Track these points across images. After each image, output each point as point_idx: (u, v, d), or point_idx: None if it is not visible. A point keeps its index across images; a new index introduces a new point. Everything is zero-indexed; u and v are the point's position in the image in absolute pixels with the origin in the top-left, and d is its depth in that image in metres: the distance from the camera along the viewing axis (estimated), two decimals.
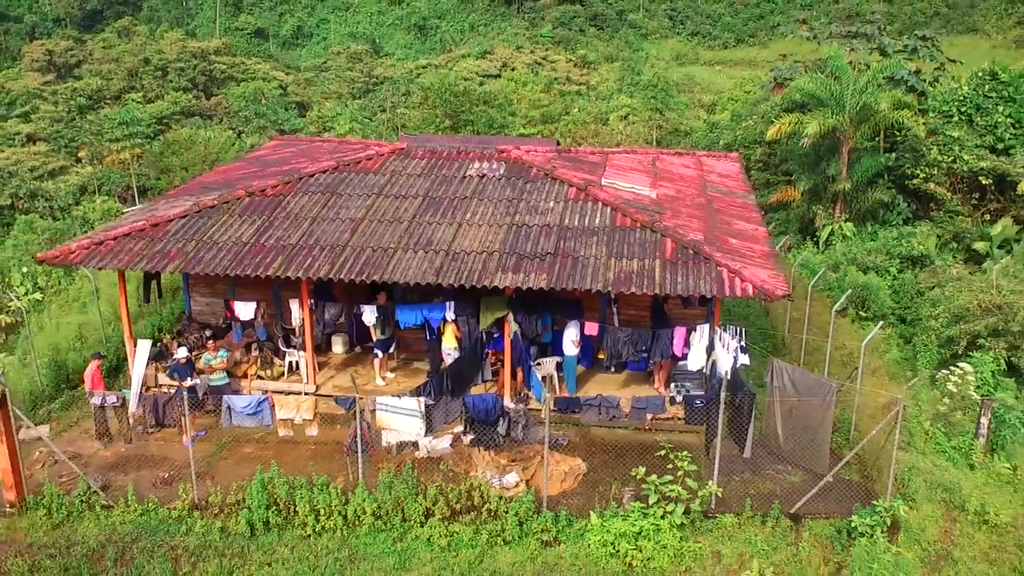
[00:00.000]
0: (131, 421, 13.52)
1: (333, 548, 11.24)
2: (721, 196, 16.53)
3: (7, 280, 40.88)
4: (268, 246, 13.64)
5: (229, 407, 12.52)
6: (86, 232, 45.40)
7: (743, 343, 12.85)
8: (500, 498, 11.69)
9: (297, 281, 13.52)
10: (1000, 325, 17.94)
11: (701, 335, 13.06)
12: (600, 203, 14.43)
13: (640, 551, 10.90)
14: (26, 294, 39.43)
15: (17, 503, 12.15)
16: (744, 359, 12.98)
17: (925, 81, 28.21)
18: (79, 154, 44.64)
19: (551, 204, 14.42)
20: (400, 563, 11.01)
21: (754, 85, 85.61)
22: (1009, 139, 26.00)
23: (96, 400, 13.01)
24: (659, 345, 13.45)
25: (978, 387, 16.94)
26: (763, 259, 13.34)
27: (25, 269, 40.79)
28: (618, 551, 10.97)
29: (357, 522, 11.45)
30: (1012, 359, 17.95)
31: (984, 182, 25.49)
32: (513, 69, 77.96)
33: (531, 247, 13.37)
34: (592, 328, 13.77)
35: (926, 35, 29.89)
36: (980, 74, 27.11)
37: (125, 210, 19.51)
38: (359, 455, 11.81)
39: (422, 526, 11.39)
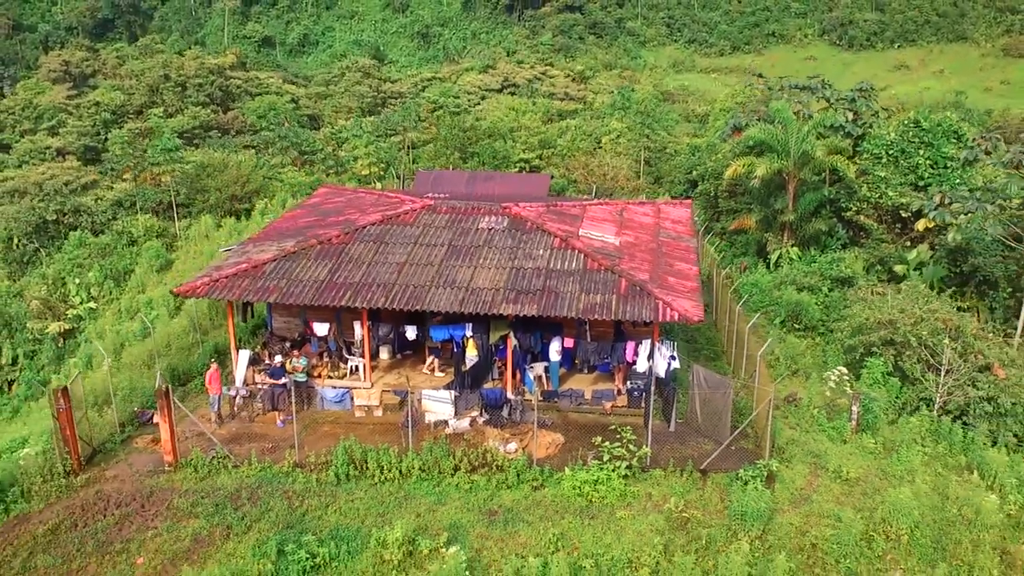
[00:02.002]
0: (242, 407, 19.46)
1: (393, 491, 17.19)
2: (670, 240, 22.46)
3: (64, 290, 47.03)
4: (339, 283, 19.55)
5: (322, 397, 18.50)
6: (131, 246, 51.03)
7: (674, 353, 18.79)
8: (504, 459, 17.62)
9: (358, 308, 19.42)
10: (889, 336, 23.88)
11: (645, 347, 18.98)
12: (576, 251, 20.35)
13: (597, 492, 16.82)
14: (81, 303, 45.62)
15: (173, 463, 18.09)
16: (675, 364, 18.95)
17: (861, 127, 34.01)
18: (124, 175, 50.42)
19: (541, 252, 20.35)
20: (438, 500, 16.94)
21: (745, 97, 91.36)
22: (928, 178, 31.87)
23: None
24: (616, 354, 19.40)
25: (871, 384, 22.93)
26: (690, 292, 19.23)
27: (78, 280, 46.93)
28: (582, 492, 16.88)
29: (409, 474, 17.41)
30: (898, 362, 23.88)
31: (904, 215, 31.36)
32: (516, 84, 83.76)
33: (526, 284, 19.28)
34: (569, 342, 19.73)
35: (863, 87, 35.63)
36: (905, 122, 32.91)
37: (222, 249, 25.30)
38: (409, 429, 17.76)
39: (452, 476, 17.35)
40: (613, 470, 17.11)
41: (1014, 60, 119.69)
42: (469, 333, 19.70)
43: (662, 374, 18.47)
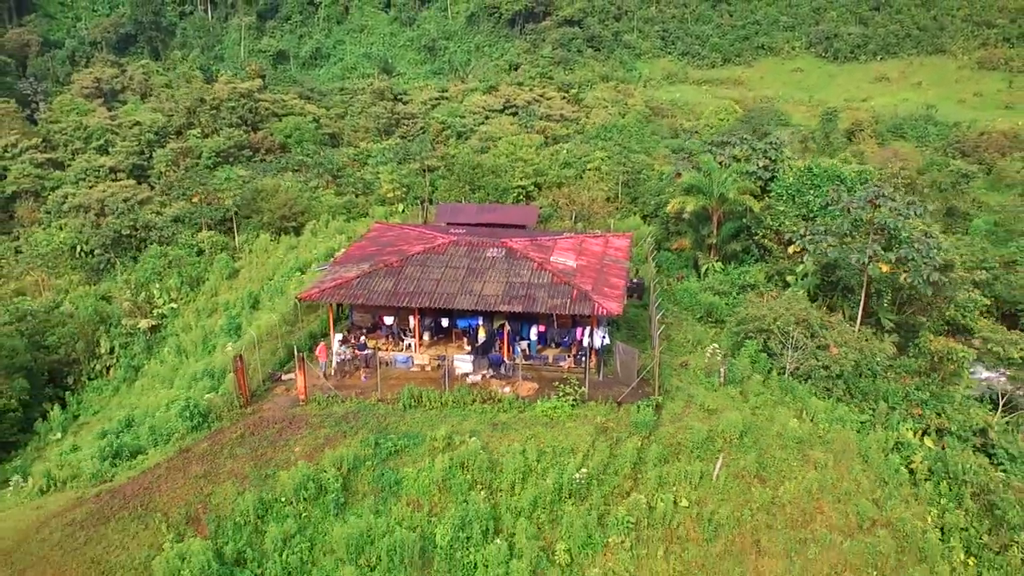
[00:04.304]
0: (341, 369, 33.30)
1: (437, 414, 30.95)
2: (611, 264, 36.18)
3: (147, 293, 60.86)
4: (400, 292, 33.29)
5: (395, 360, 32.32)
6: (198, 256, 64.01)
7: (605, 335, 32.56)
8: (502, 396, 31.35)
9: (412, 307, 33.13)
10: (760, 326, 37.55)
11: (589, 330, 32.74)
12: (548, 271, 34.06)
13: (555, 413, 30.56)
14: (164, 304, 59.37)
15: (304, 400, 31.84)
16: (607, 340, 32.74)
17: (771, 171, 47.57)
18: (193, 200, 64.06)
19: (525, 272, 34.06)
20: (463, 418, 30.68)
21: (728, 114, 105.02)
22: (816, 211, 45.43)
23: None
24: (571, 335, 33.18)
25: (747, 358, 36.57)
26: (616, 298, 32.93)
27: (159, 285, 60.62)
28: (547, 414, 30.63)
29: (446, 404, 31.20)
30: (766, 343, 37.48)
31: (794, 239, 44.92)
32: (516, 106, 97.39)
33: (515, 292, 33.00)
34: (542, 328, 33.50)
35: (773, 142, 49.17)
36: (801, 169, 46.47)
37: (316, 268, 39.03)
38: (446, 380, 31.53)
39: (471, 405, 31.13)
40: (565, 402, 30.85)
41: (988, 72, 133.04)
42: (480, 322, 33.48)
43: (598, 346, 32.23)
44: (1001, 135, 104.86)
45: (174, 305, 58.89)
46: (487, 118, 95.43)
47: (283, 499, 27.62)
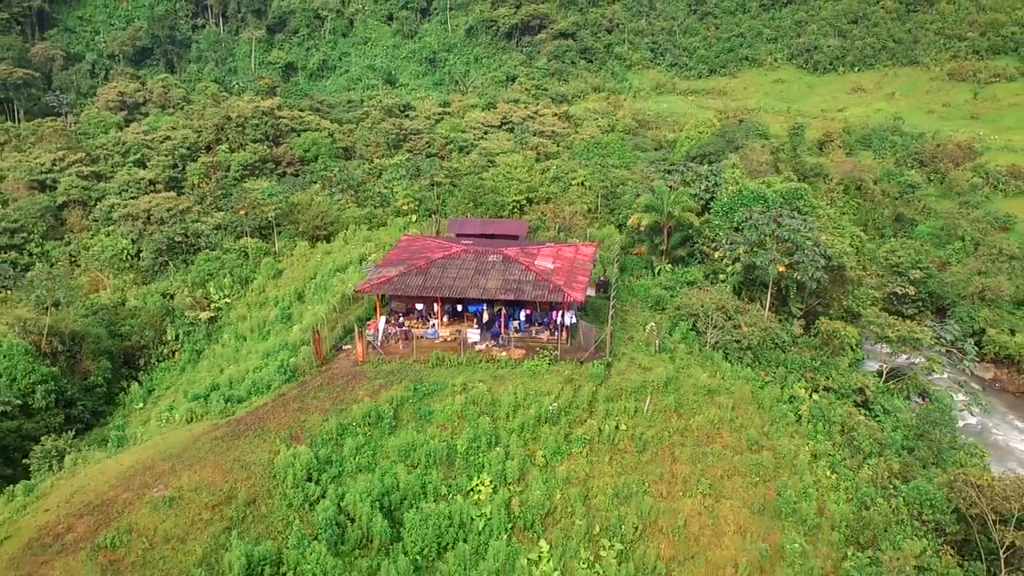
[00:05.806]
0: (386, 340, 49.78)
1: (455, 369, 47.44)
2: (579, 266, 52.68)
3: (203, 290, 76.96)
4: (427, 286, 49.78)
5: (425, 335, 48.87)
6: (244, 258, 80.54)
7: (573, 316, 49.15)
8: (500, 359, 47.78)
9: (436, 297, 49.52)
10: (690, 310, 54.08)
11: (561, 313, 49.23)
12: (532, 271, 50.53)
13: (537, 369, 47.08)
14: (219, 299, 75.58)
15: (362, 361, 48.24)
16: (575, 320, 49.38)
17: (711, 192, 63.93)
18: (239, 212, 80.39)
19: (516, 272, 50.54)
20: (473, 372, 47.15)
21: (707, 127, 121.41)
22: (740, 224, 61.75)
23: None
24: (549, 316, 49.73)
25: (680, 335, 53.14)
26: (581, 290, 49.39)
27: (213, 283, 76.68)
28: (531, 370, 47.13)
29: (460, 363, 47.65)
30: (695, 324, 53.98)
31: (718, 246, 61.27)
32: (512, 123, 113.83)
33: (509, 287, 49.47)
34: (529, 311, 49.99)
35: (713, 170, 65.56)
36: (734, 190, 62.85)
37: (363, 269, 55.41)
38: (461, 347, 47.96)
39: (479, 364, 47.68)
40: (544, 361, 47.23)
41: (957, 84, 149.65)
42: (484, 308, 49.92)
43: (568, 324, 48.72)
44: (956, 146, 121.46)
45: (228, 300, 75.00)
46: (486, 133, 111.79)
47: (354, 423, 43.94)
